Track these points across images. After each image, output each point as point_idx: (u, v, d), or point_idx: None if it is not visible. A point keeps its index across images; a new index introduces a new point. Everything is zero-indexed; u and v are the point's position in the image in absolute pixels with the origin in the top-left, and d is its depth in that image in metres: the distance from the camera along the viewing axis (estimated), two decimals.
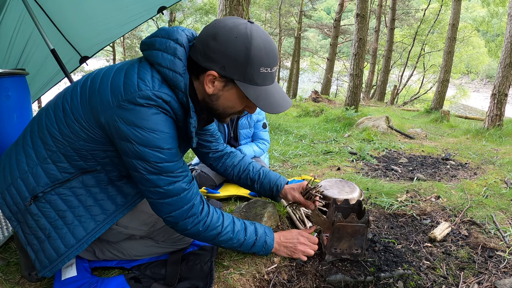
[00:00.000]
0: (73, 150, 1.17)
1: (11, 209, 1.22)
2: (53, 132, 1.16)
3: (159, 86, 1.09)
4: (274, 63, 1.14)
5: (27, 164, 1.20)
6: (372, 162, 3.54)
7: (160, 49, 1.11)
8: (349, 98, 7.27)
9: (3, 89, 2.57)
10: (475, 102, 24.86)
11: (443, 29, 16.95)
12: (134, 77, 1.08)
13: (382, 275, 1.44)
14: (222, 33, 1.07)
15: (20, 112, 2.69)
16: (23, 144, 1.22)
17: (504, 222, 1.96)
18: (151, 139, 1.08)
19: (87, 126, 1.13)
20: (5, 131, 2.65)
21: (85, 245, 1.23)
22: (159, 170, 1.13)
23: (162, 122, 1.10)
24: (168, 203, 1.17)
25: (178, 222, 1.20)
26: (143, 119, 1.06)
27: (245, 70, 1.09)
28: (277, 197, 1.71)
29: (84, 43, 3.52)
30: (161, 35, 1.13)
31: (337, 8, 15.70)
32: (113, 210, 1.26)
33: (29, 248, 1.22)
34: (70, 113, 1.14)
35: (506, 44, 5.86)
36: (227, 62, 1.08)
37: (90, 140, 1.15)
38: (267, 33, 1.16)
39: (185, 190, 1.19)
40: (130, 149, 1.10)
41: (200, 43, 1.12)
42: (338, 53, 19.30)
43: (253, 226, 1.39)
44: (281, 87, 1.22)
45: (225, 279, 1.32)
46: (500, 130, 5.78)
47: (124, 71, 1.11)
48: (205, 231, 1.25)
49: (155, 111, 1.08)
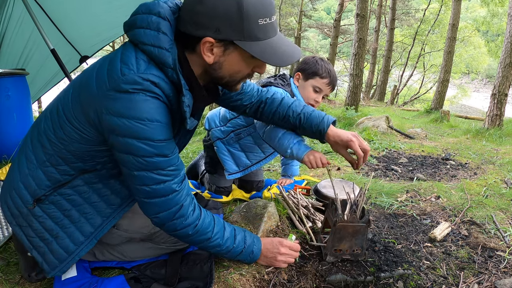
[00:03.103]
0: (69, 153, 1.13)
1: (13, 213, 1.21)
2: (49, 136, 1.13)
3: (145, 67, 1.00)
4: (271, 11, 1.03)
5: (27, 167, 1.18)
6: (372, 162, 3.54)
7: (142, 26, 1.02)
8: (349, 98, 7.28)
9: (3, 89, 2.57)
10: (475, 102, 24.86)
11: (443, 29, 16.94)
12: (117, 63, 1.00)
13: (382, 275, 1.44)
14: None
15: (20, 112, 2.70)
16: (25, 149, 1.21)
17: (504, 222, 1.96)
18: (139, 129, 0.99)
19: (79, 126, 1.07)
20: (5, 131, 2.65)
21: (94, 241, 1.23)
22: (148, 166, 1.04)
23: (151, 109, 1.00)
24: (154, 204, 1.10)
25: (165, 223, 1.14)
26: (130, 108, 0.98)
27: (242, 26, 0.98)
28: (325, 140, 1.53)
29: (84, 43, 3.52)
30: (141, 12, 1.04)
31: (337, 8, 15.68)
32: (118, 204, 1.25)
33: (35, 252, 1.21)
34: (63, 115, 1.09)
35: (506, 44, 5.86)
36: (220, 24, 0.98)
37: (84, 141, 1.10)
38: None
39: (174, 192, 1.11)
40: (118, 142, 1.02)
41: (186, 12, 1.03)
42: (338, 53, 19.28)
43: (242, 234, 1.33)
44: (286, 37, 1.12)
45: (225, 279, 1.32)
46: (500, 130, 5.78)
47: (109, 59, 1.04)
48: (195, 235, 1.19)
49: (143, 97, 0.99)
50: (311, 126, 1.48)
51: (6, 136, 2.64)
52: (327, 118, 1.49)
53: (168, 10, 1.05)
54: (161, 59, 1.01)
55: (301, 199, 1.90)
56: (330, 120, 1.49)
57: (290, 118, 1.51)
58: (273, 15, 1.04)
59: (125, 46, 1.05)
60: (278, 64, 1.05)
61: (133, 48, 1.04)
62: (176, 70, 1.03)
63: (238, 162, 2.05)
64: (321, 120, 1.48)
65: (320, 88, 1.91)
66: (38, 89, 3.74)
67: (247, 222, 1.69)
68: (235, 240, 1.29)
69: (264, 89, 1.57)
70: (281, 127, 1.59)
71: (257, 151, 2.06)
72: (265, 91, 1.56)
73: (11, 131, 2.66)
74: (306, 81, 1.92)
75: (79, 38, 3.45)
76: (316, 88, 1.91)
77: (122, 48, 1.06)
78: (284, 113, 1.52)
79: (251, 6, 0.98)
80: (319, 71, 1.88)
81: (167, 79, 1.04)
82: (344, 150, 1.48)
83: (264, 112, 1.54)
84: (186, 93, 1.07)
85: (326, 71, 1.89)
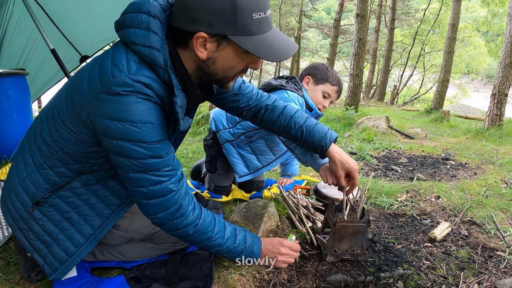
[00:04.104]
0: (66, 155, 1.12)
1: (14, 217, 1.21)
2: (45, 138, 1.12)
3: (136, 68, 0.98)
4: (266, 5, 1.00)
5: (25, 170, 1.17)
6: (372, 162, 3.54)
7: (132, 25, 1.00)
8: (349, 98, 7.27)
9: (3, 89, 2.57)
10: (475, 102, 24.84)
11: (443, 29, 16.94)
12: (108, 65, 0.99)
13: (382, 275, 1.44)
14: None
15: (20, 112, 2.70)
16: (22, 152, 1.20)
17: (504, 222, 1.96)
18: (132, 132, 0.98)
19: (73, 128, 1.06)
20: (5, 131, 2.65)
21: (94, 242, 1.23)
22: (143, 168, 1.04)
23: (143, 111, 0.99)
24: (153, 204, 1.10)
25: (164, 223, 1.14)
26: (121, 110, 0.96)
27: (235, 20, 0.96)
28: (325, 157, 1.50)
29: (84, 42, 3.52)
30: (131, 11, 1.02)
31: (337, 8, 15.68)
32: (117, 205, 1.25)
33: (36, 255, 1.21)
34: (57, 117, 1.09)
35: (506, 44, 5.86)
36: (213, 18, 0.96)
37: (79, 143, 1.09)
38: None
39: (172, 192, 1.10)
40: (112, 145, 1.01)
41: (178, 7, 1.01)
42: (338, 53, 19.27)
43: (243, 234, 1.33)
44: (281, 32, 1.10)
45: (225, 279, 1.32)
46: (500, 130, 5.77)
47: (99, 61, 1.02)
48: (195, 234, 1.19)
49: (134, 99, 0.97)
50: (313, 140, 1.44)
51: (6, 136, 2.64)
52: (330, 134, 1.45)
53: (159, 8, 1.03)
54: (151, 60, 1.00)
55: (301, 199, 1.90)
56: (333, 137, 1.45)
57: (291, 129, 1.46)
58: (267, 9, 1.01)
59: (116, 47, 1.04)
60: (273, 59, 1.02)
61: (123, 48, 1.02)
62: (168, 70, 1.01)
63: (249, 164, 2.06)
64: (324, 135, 1.43)
65: (329, 94, 2.01)
66: (38, 89, 3.75)
67: (247, 222, 1.69)
68: (236, 240, 1.29)
69: (265, 94, 1.53)
70: (282, 135, 1.55)
71: (268, 154, 2.08)
72: (266, 96, 1.51)
73: (11, 131, 2.66)
74: (317, 86, 2.01)
75: (79, 38, 3.45)
76: (325, 94, 2.01)
77: (112, 48, 1.04)
78: (285, 123, 1.47)
79: (244, 0, 0.95)
80: (329, 78, 1.99)
81: (159, 80, 1.03)
82: (342, 172, 1.45)
83: (264, 119, 1.49)
84: (179, 93, 1.04)
85: (336, 79, 2.01)
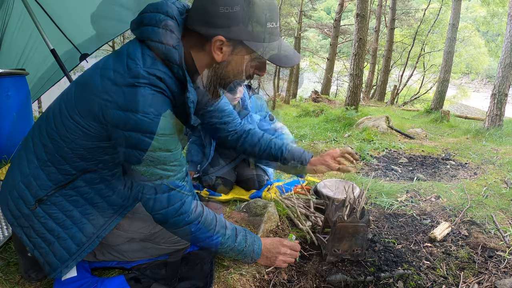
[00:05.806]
0: (71, 151, 1.13)
1: (14, 214, 1.20)
2: (51, 134, 1.13)
3: (152, 63, 1.03)
4: (277, 17, 1.11)
5: (28, 167, 1.17)
6: (372, 162, 3.54)
7: (150, 24, 1.06)
8: (349, 98, 7.27)
9: (3, 89, 2.57)
10: (475, 102, 24.83)
11: (443, 29, 16.93)
12: (123, 59, 1.03)
13: (382, 275, 1.44)
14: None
15: (20, 112, 2.70)
16: (26, 149, 1.20)
17: (504, 222, 1.96)
18: (144, 123, 1.00)
19: (82, 122, 1.08)
20: (5, 131, 2.65)
21: (96, 242, 1.23)
22: (152, 161, 1.06)
23: (157, 103, 1.02)
24: (158, 199, 1.11)
25: (167, 220, 1.15)
26: (135, 101, 0.99)
27: (252, 28, 1.05)
28: (304, 173, 1.69)
29: (84, 41, 3.52)
30: (149, 11, 1.08)
31: (337, 8, 15.69)
32: (120, 205, 1.25)
33: (37, 253, 1.20)
34: (65, 111, 1.10)
35: (506, 44, 5.85)
36: (232, 23, 1.04)
37: (86, 138, 1.10)
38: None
39: (177, 188, 1.12)
40: (123, 136, 1.03)
41: (197, 11, 1.07)
42: (338, 53, 19.28)
43: (243, 233, 1.34)
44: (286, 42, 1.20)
45: (225, 279, 1.32)
46: (500, 130, 5.77)
47: (114, 56, 1.07)
48: (197, 232, 1.20)
49: (148, 91, 1.00)
50: (293, 159, 1.63)
51: (6, 136, 2.64)
52: (307, 153, 1.67)
53: (176, 10, 1.10)
54: (167, 56, 1.04)
55: (301, 199, 1.90)
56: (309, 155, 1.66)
57: (272, 149, 1.63)
58: (278, 20, 1.11)
59: (131, 43, 1.08)
60: (283, 64, 1.12)
61: (139, 44, 1.07)
62: (182, 66, 1.06)
63: None
64: (303, 153, 1.65)
65: None
66: (38, 88, 3.74)
67: (247, 222, 1.69)
68: (236, 239, 1.30)
69: (243, 121, 1.72)
70: (259, 158, 1.68)
71: None
72: (245, 124, 1.69)
73: (11, 131, 2.65)
74: None
75: (79, 36, 3.45)
76: None
77: (127, 45, 1.09)
78: (265, 146, 1.64)
79: (261, 10, 1.04)
80: None
81: (173, 75, 1.07)
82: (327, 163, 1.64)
83: (246, 142, 1.64)
84: (191, 89, 1.10)
85: None
